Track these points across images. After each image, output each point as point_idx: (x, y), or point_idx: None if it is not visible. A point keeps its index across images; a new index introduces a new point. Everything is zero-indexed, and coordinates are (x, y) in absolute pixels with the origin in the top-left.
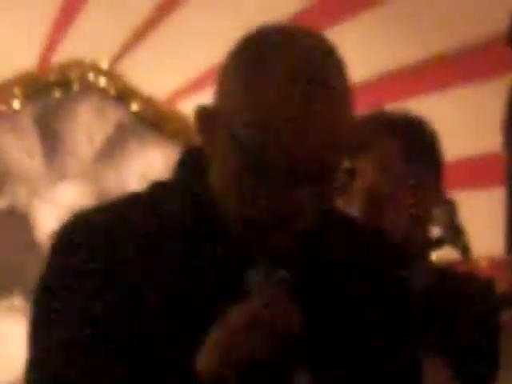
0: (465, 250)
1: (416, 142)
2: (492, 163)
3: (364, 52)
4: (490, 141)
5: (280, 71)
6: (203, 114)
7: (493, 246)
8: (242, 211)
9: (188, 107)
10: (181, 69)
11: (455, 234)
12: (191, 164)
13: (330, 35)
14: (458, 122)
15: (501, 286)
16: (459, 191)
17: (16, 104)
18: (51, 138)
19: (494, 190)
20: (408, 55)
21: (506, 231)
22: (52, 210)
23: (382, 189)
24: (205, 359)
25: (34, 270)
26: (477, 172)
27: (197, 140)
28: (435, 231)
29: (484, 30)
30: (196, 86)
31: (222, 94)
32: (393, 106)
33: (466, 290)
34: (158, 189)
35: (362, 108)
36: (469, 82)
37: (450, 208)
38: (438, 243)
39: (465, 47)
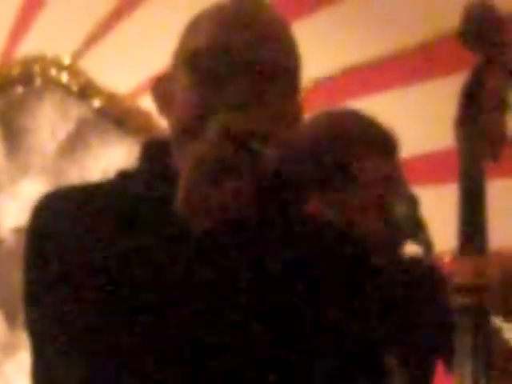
0: (427, 245)
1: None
2: (450, 158)
3: (319, 50)
4: (448, 137)
5: (209, 21)
6: (156, 82)
7: (455, 241)
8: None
9: (150, 103)
10: (143, 65)
11: (417, 229)
12: (153, 153)
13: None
14: (414, 119)
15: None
16: (419, 187)
17: None
18: (13, 134)
19: (454, 185)
20: (363, 53)
21: (457, 228)
22: (14, 205)
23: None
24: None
25: None
26: (436, 168)
27: (159, 136)
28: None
29: (438, 26)
30: None
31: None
32: (348, 104)
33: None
34: (122, 176)
35: (318, 105)
36: (424, 79)
37: (412, 203)
38: (400, 238)
39: (419, 44)
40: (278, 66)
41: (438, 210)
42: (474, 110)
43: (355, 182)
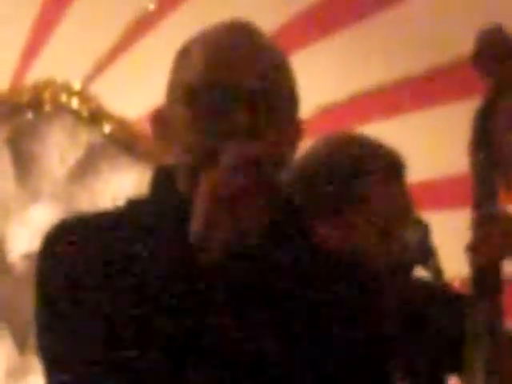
0: (436, 271)
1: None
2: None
3: (330, 75)
4: (457, 162)
5: (200, 52)
6: (155, 113)
7: (465, 267)
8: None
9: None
10: (153, 90)
11: (427, 256)
12: (162, 181)
13: (296, 58)
14: (425, 144)
15: None
16: (429, 212)
17: None
18: (24, 160)
19: (463, 210)
20: (374, 77)
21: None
22: (25, 231)
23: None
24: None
25: (7, 291)
26: (444, 193)
27: (169, 162)
28: (407, 252)
29: (450, 51)
30: None
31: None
32: (359, 129)
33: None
34: (132, 204)
35: (327, 130)
36: (435, 104)
37: (422, 229)
38: (410, 265)
39: (431, 69)
40: (275, 91)
41: (447, 235)
42: (487, 135)
43: (365, 207)
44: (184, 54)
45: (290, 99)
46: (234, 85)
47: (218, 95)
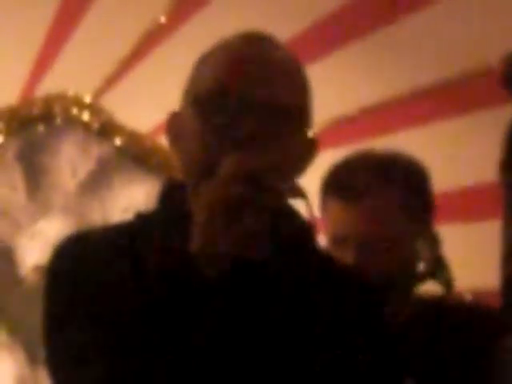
0: (447, 283)
1: (410, 189)
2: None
3: (349, 85)
4: (476, 174)
5: (214, 61)
6: (170, 118)
7: (477, 279)
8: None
9: None
10: (164, 103)
11: (438, 268)
12: (170, 195)
13: (312, 68)
14: (445, 156)
15: None
16: (443, 224)
17: None
18: (34, 173)
19: (477, 222)
20: (395, 88)
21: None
22: (36, 244)
23: (373, 237)
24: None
25: (17, 304)
26: (460, 205)
27: (180, 174)
28: (418, 265)
29: (471, 63)
30: None
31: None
32: (379, 140)
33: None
34: (141, 218)
35: (350, 141)
36: (456, 116)
37: (433, 241)
38: (421, 277)
39: (452, 80)
40: (285, 104)
41: (467, 247)
42: None
43: (372, 219)
44: (201, 62)
45: (301, 114)
46: (241, 97)
47: (224, 107)
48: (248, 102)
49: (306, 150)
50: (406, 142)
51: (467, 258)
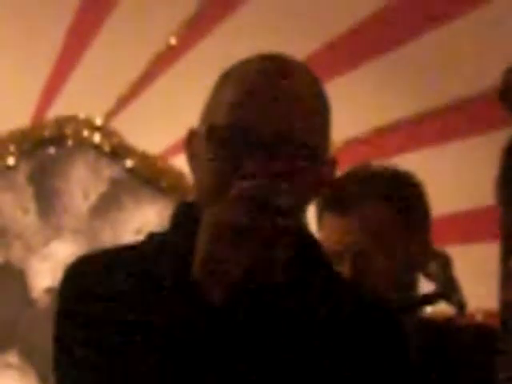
0: (459, 304)
1: (404, 202)
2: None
3: (357, 107)
4: (483, 195)
5: (232, 89)
6: (188, 135)
7: (488, 299)
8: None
9: (182, 163)
10: (175, 125)
11: (449, 289)
12: (181, 216)
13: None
14: (451, 177)
15: None
16: (452, 245)
17: (11, 161)
18: (46, 194)
19: (486, 243)
20: (402, 110)
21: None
22: (47, 266)
23: (366, 246)
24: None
25: (29, 326)
26: (468, 226)
27: (191, 195)
28: (429, 286)
29: (478, 85)
30: None
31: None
32: (386, 161)
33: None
34: (152, 240)
35: (356, 162)
36: (462, 137)
37: (444, 262)
38: (433, 298)
39: (458, 102)
40: (301, 143)
41: (472, 269)
42: None
43: (362, 228)
44: (221, 83)
45: (316, 150)
46: (254, 129)
47: (238, 140)
48: (262, 139)
49: (324, 174)
50: (418, 161)
51: (478, 279)
